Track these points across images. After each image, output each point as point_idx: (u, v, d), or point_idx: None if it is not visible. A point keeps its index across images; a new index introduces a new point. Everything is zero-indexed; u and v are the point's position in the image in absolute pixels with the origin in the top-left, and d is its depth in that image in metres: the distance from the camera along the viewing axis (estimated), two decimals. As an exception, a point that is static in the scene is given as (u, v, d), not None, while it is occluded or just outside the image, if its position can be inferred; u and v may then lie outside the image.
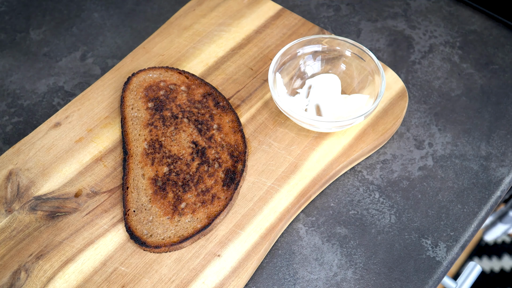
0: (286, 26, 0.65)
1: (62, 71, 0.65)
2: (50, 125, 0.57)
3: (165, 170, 0.53)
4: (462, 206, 0.54)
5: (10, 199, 0.52)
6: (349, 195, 0.55)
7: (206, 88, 0.58)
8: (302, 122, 0.53)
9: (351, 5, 0.71)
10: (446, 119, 0.60)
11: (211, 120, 0.56)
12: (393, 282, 0.50)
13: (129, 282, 0.48)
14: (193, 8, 0.67)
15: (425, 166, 0.57)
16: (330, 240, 0.52)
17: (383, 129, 0.56)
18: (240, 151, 0.54)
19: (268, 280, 0.50)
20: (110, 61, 0.66)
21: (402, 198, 0.55)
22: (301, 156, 0.55)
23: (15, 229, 0.51)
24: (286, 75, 0.58)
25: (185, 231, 0.49)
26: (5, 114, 0.61)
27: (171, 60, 0.62)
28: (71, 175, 0.54)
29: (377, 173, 0.56)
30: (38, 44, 0.68)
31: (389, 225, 0.53)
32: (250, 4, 0.67)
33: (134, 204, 0.51)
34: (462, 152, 0.58)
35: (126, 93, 0.58)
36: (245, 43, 0.64)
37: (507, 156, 0.57)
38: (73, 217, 0.51)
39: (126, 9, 0.71)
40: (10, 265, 0.49)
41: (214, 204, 0.51)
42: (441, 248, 0.51)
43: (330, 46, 0.58)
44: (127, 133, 0.55)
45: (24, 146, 0.56)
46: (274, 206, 0.52)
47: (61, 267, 0.49)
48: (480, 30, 0.68)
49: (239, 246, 0.50)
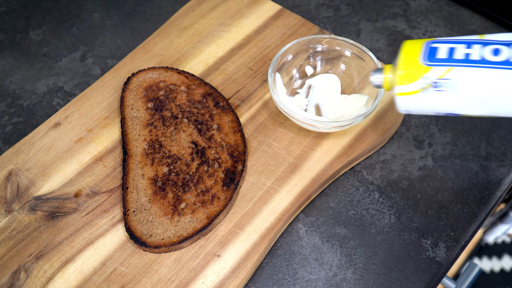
0: (286, 26, 0.65)
1: (62, 71, 0.65)
2: (50, 125, 0.57)
3: (165, 170, 0.53)
4: (462, 206, 0.54)
5: (10, 199, 0.52)
6: (349, 195, 0.55)
7: (206, 88, 0.58)
8: (302, 122, 0.53)
9: (351, 5, 0.71)
10: (446, 119, 0.60)
11: (211, 120, 0.56)
12: (392, 282, 0.50)
13: (128, 282, 0.48)
14: (193, 8, 0.67)
15: (425, 166, 0.57)
16: (330, 240, 0.52)
17: (383, 129, 0.56)
18: (239, 151, 0.54)
19: (268, 280, 0.50)
20: (110, 61, 0.66)
21: (402, 198, 0.55)
22: (301, 156, 0.55)
23: (15, 229, 0.51)
24: (286, 75, 0.58)
25: (184, 231, 0.49)
26: (5, 114, 0.61)
27: (171, 60, 0.62)
28: (70, 175, 0.54)
29: (377, 173, 0.56)
30: (38, 44, 0.68)
31: (389, 225, 0.53)
32: (250, 4, 0.67)
33: (133, 204, 0.51)
34: (462, 152, 0.58)
35: (126, 93, 0.58)
36: (245, 43, 0.64)
37: (507, 156, 0.57)
38: (72, 217, 0.51)
39: (126, 9, 0.71)
40: (9, 265, 0.49)
41: (213, 204, 0.51)
42: (441, 248, 0.51)
43: (330, 46, 0.58)
44: (126, 133, 0.55)
45: (24, 146, 0.56)
46: (273, 206, 0.52)
47: (61, 267, 0.49)
48: (480, 30, 0.68)
49: (238, 246, 0.50)
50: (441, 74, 0.41)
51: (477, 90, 0.40)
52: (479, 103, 0.41)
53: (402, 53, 0.44)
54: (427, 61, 0.42)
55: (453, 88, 0.41)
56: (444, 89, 0.41)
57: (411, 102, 0.44)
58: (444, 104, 0.42)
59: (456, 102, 0.41)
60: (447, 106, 0.42)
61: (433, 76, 0.41)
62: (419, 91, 0.42)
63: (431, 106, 0.43)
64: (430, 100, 0.43)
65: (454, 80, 0.41)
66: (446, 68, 0.41)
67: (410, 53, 0.43)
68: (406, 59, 0.43)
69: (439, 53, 0.42)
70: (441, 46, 0.42)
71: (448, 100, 0.42)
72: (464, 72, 0.40)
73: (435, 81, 0.41)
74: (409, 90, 0.43)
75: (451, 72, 0.41)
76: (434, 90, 0.42)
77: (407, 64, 0.43)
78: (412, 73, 0.42)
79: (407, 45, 0.44)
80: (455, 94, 0.41)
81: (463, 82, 0.40)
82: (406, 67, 0.43)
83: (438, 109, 0.43)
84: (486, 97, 0.40)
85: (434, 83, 0.41)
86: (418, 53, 0.43)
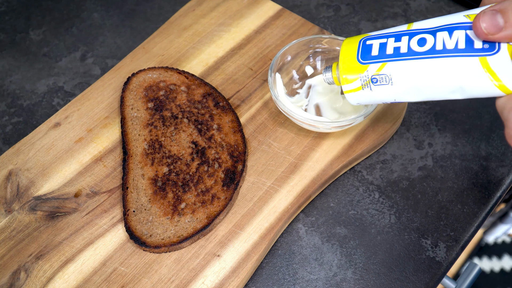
0: (286, 26, 0.65)
1: (62, 71, 0.65)
2: (50, 125, 0.57)
3: (165, 170, 0.53)
4: (462, 206, 0.54)
5: (10, 199, 0.52)
6: (349, 195, 0.55)
7: (206, 88, 0.58)
8: (302, 122, 0.53)
9: (351, 5, 0.71)
10: (446, 119, 0.60)
11: (211, 120, 0.56)
12: (392, 282, 0.50)
13: (128, 282, 0.48)
14: (193, 8, 0.67)
15: (425, 166, 0.57)
16: (330, 240, 0.52)
17: (383, 129, 0.56)
18: (240, 151, 0.54)
19: (267, 280, 0.50)
20: (110, 61, 0.66)
21: (402, 198, 0.55)
22: (301, 156, 0.55)
23: (15, 229, 0.51)
24: (286, 75, 0.58)
25: (184, 231, 0.49)
26: (5, 114, 0.61)
27: (171, 60, 0.62)
28: (70, 175, 0.54)
29: (377, 173, 0.56)
30: (38, 44, 0.68)
31: (389, 225, 0.53)
32: (250, 4, 0.67)
33: (133, 204, 0.51)
34: (462, 152, 0.58)
35: (126, 93, 0.58)
36: (245, 43, 0.64)
37: (507, 156, 0.57)
38: (72, 217, 0.51)
39: (126, 9, 0.71)
40: (9, 265, 0.49)
41: (213, 204, 0.51)
42: (441, 248, 0.51)
43: (330, 46, 0.58)
44: (126, 133, 0.55)
45: (24, 146, 0.56)
46: (273, 206, 0.52)
47: (61, 267, 0.49)
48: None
49: (238, 246, 0.50)
50: (376, 71, 0.44)
51: (410, 81, 0.43)
52: (414, 91, 0.43)
53: (341, 54, 0.46)
54: (363, 60, 0.45)
55: (389, 82, 0.44)
56: (382, 83, 0.44)
57: (358, 97, 0.46)
58: (386, 95, 0.45)
59: (395, 93, 0.44)
60: (388, 97, 0.45)
61: (370, 73, 0.44)
62: (361, 87, 0.45)
63: (376, 98, 0.46)
64: (373, 93, 0.45)
65: (388, 74, 0.43)
66: (379, 65, 0.44)
67: (348, 53, 0.46)
68: (345, 60, 0.46)
69: (372, 50, 0.44)
70: (374, 43, 0.45)
71: (388, 92, 0.44)
72: (396, 66, 0.43)
73: (373, 77, 0.44)
74: (353, 88, 0.46)
75: (385, 68, 0.43)
76: (373, 85, 0.45)
77: (346, 65, 0.46)
78: (351, 73, 0.45)
79: (345, 44, 0.47)
80: (392, 86, 0.44)
81: (396, 76, 0.43)
82: (345, 68, 0.46)
83: (382, 99, 0.46)
84: (419, 86, 0.42)
85: (372, 79, 0.44)
86: (355, 53, 0.45)
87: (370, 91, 0.45)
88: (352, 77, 0.45)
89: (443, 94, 0.42)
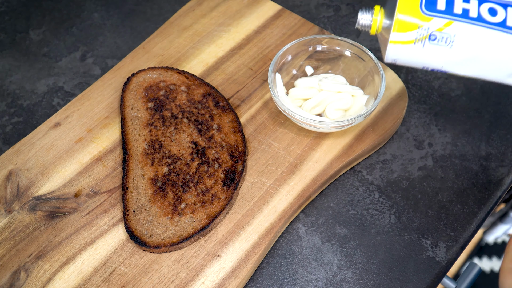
0: (286, 26, 0.65)
1: (62, 71, 0.65)
2: (50, 125, 0.57)
3: (165, 170, 0.53)
4: (462, 206, 0.54)
5: (10, 199, 0.52)
6: (349, 195, 0.55)
7: (206, 88, 0.58)
8: (302, 122, 0.53)
9: (351, 5, 0.71)
10: (446, 119, 0.60)
11: (211, 120, 0.56)
12: (392, 282, 0.50)
13: (128, 282, 0.48)
14: (193, 8, 0.67)
15: (425, 166, 0.57)
16: (330, 240, 0.52)
17: (383, 129, 0.56)
18: (240, 151, 0.54)
19: (267, 280, 0.50)
20: (110, 61, 0.66)
21: (402, 198, 0.55)
22: (301, 156, 0.55)
23: (15, 229, 0.51)
24: (286, 75, 0.58)
25: (184, 231, 0.49)
26: (5, 114, 0.61)
27: (171, 60, 0.62)
28: (70, 175, 0.54)
29: (377, 173, 0.56)
30: (38, 44, 0.68)
31: (389, 225, 0.53)
32: (250, 4, 0.67)
33: (133, 204, 0.51)
34: (462, 152, 0.58)
35: (126, 93, 0.58)
36: (245, 43, 0.64)
37: (507, 156, 0.57)
38: (72, 217, 0.51)
39: (126, 9, 0.71)
40: (9, 265, 0.49)
41: (213, 204, 0.51)
42: (441, 248, 0.51)
43: (330, 46, 0.58)
44: (126, 133, 0.55)
45: (24, 146, 0.56)
46: (273, 206, 0.52)
47: (61, 267, 0.49)
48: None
49: (238, 246, 0.50)
50: (441, 27, 0.39)
51: (472, 48, 0.39)
52: (470, 63, 0.39)
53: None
54: (427, 10, 0.40)
55: (450, 43, 0.39)
56: (440, 43, 0.40)
57: (403, 52, 0.41)
58: (436, 59, 0.41)
59: (450, 58, 0.40)
60: (438, 61, 0.41)
61: (433, 27, 0.39)
62: (414, 41, 0.40)
63: (422, 60, 0.41)
64: (423, 52, 0.41)
65: (452, 35, 0.39)
66: (446, 21, 0.39)
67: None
68: (406, 5, 0.40)
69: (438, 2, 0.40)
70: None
71: (441, 55, 0.40)
72: (463, 28, 0.39)
73: (433, 33, 0.39)
74: (404, 39, 0.41)
75: (451, 27, 0.39)
76: (429, 42, 0.40)
77: (407, 10, 0.40)
78: (410, 21, 0.40)
79: None
80: (449, 50, 0.39)
81: (461, 38, 0.39)
82: (406, 14, 0.40)
83: (427, 63, 0.41)
84: (478, 58, 0.39)
85: (431, 35, 0.40)
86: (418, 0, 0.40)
87: (422, 49, 0.40)
88: (410, 26, 0.40)
89: (499, 75, 0.38)
